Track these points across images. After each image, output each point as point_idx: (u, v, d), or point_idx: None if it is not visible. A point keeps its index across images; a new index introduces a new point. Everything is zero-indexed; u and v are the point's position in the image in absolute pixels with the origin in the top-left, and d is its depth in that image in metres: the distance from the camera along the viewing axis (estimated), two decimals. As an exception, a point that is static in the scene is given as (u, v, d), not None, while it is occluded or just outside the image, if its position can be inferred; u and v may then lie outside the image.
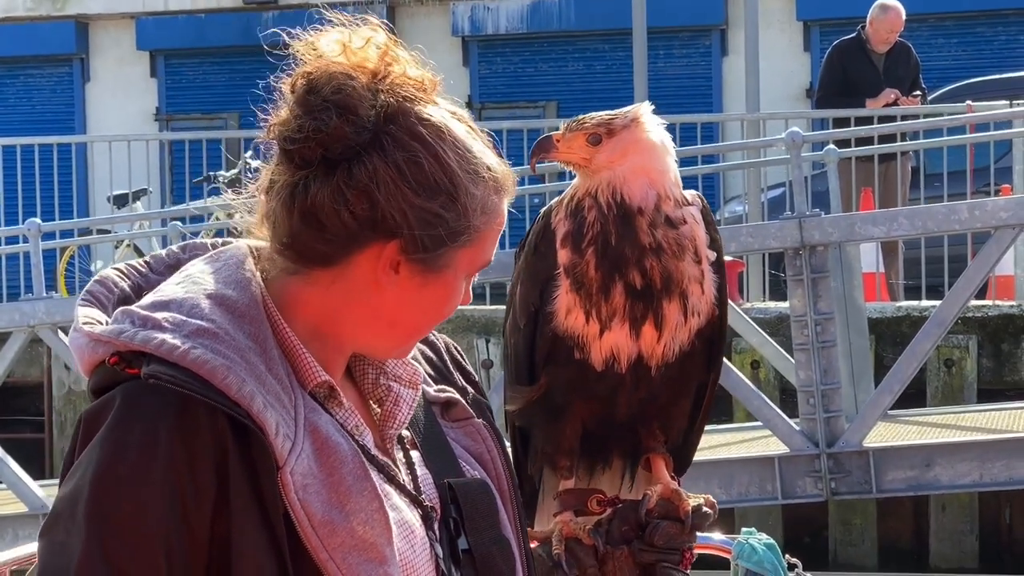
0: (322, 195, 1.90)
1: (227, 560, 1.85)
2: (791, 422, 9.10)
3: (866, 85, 12.12)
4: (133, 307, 1.94)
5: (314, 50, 1.95)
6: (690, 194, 2.62)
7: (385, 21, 2.06)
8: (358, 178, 1.89)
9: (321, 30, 1.96)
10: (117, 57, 20.57)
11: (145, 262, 2.09)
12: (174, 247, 2.11)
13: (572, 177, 2.71)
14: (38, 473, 11.73)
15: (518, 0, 19.54)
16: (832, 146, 10.94)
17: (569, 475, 2.66)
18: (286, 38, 1.98)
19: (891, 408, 9.28)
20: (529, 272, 2.61)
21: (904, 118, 12.02)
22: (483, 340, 11.25)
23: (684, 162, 11.59)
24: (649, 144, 2.57)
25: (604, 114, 2.62)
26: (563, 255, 2.54)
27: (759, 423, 9.35)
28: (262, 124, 1.97)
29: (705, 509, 2.59)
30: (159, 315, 1.90)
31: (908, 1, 12.58)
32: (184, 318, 1.90)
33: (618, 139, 2.58)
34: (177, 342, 1.87)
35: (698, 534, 2.63)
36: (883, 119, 11.90)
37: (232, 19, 19.67)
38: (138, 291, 2.02)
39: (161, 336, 1.88)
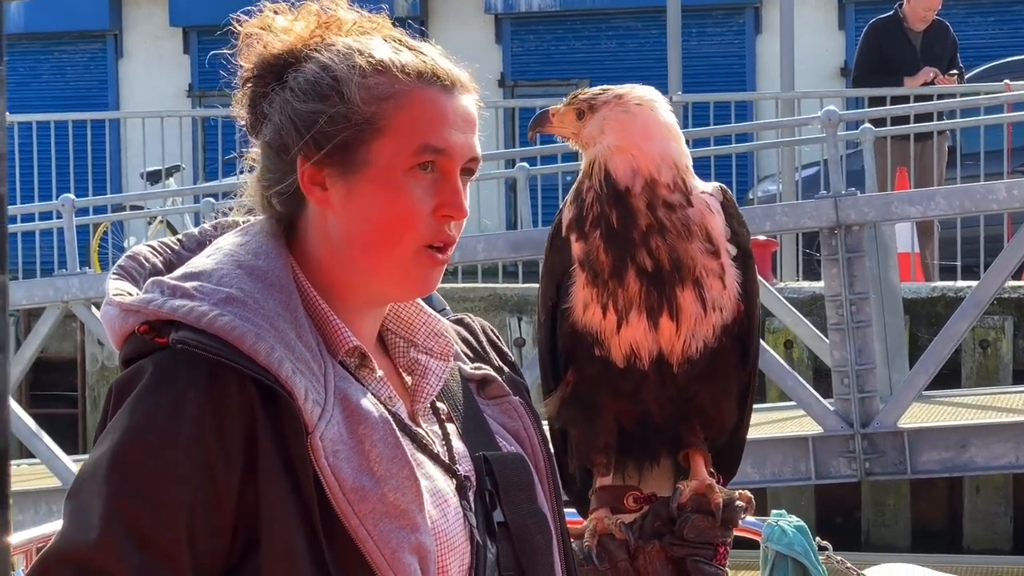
0: (260, 147, 2.04)
1: (256, 526, 1.86)
2: (825, 402, 9.06)
3: (903, 64, 12.04)
4: (163, 278, 1.96)
5: (258, 36, 2.07)
6: (711, 185, 2.56)
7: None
8: (267, 113, 2.01)
9: (268, 18, 2.08)
10: (150, 33, 20.60)
11: (178, 239, 2.12)
12: (206, 225, 2.14)
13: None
14: (72, 448, 11.78)
15: (551, -23, 19.49)
16: (868, 125, 10.88)
17: (606, 472, 2.63)
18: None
19: (926, 389, 9.23)
20: (547, 267, 2.60)
21: (941, 97, 11.94)
22: (515, 318, 11.24)
23: (718, 140, 11.58)
24: (629, 123, 2.51)
25: (596, 89, 2.59)
26: (576, 247, 2.52)
27: (793, 403, 9.31)
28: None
29: (738, 503, 2.55)
30: (188, 284, 1.93)
31: (945, -21, 12.50)
32: (213, 286, 1.92)
33: (599, 115, 2.55)
34: (204, 308, 1.89)
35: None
36: (919, 98, 11.82)
37: (265, -4, 19.65)
38: (169, 267, 2.04)
39: (189, 304, 1.90)
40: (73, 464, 10.39)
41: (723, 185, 2.58)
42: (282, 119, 1.99)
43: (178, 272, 1.98)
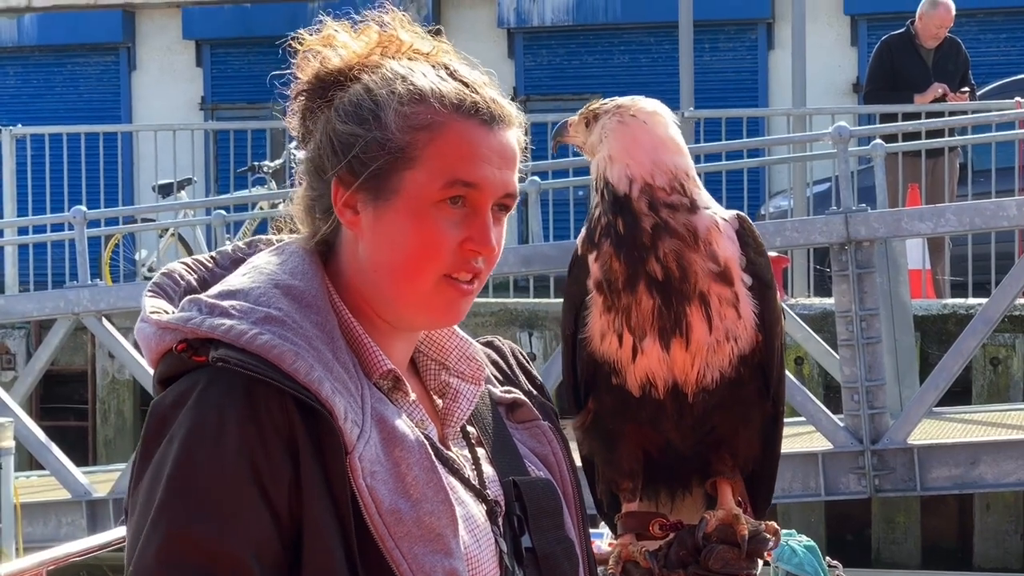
0: (305, 162, 2.04)
1: (300, 540, 1.86)
2: (835, 418, 9.05)
3: (915, 80, 12.05)
4: (201, 296, 1.96)
5: (314, 50, 2.05)
6: (729, 212, 2.54)
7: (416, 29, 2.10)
8: (312, 130, 2.02)
9: (334, 33, 2.06)
10: (163, 46, 20.62)
11: (211, 257, 2.12)
12: (240, 243, 2.14)
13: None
14: (81, 460, 11.80)
15: (564, -8, 19.51)
16: (879, 141, 10.88)
17: (632, 497, 2.62)
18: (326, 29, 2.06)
19: (936, 405, 9.22)
20: (566, 295, 2.60)
21: (952, 114, 11.94)
22: (526, 333, 11.24)
23: (730, 156, 11.59)
24: (622, 133, 2.52)
25: (604, 100, 2.60)
26: (593, 267, 2.52)
27: (803, 419, 9.30)
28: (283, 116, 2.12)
29: (764, 534, 2.54)
30: (226, 303, 1.93)
31: (957, -4, 12.50)
32: (251, 306, 1.92)
33: (599, 124, 2.56)
34: (244, 327, 1.89)
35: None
36: (931, 115, 11.82)
37: (278, 9, 19.71)
38: (204, 284, 2.04)
39: (229, 322, 1.90)
40: (82, 476, 10.40)
41: (742, 213, 2.56)
42: (323, 138, 1.99)
43: (214, 290, 1.97)
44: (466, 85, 2.00)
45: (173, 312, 1.96)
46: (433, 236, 1.96)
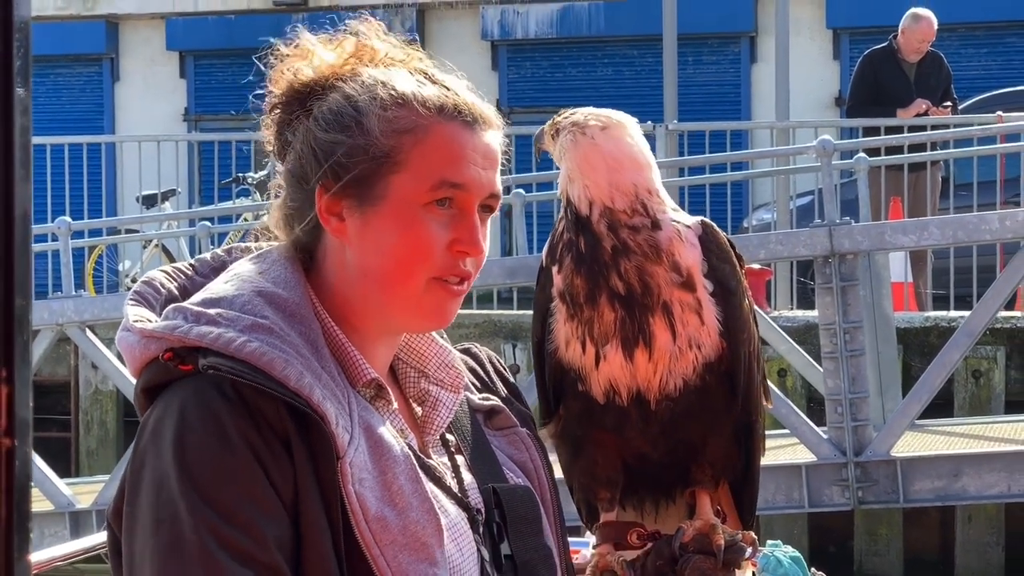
0: (284, 173, 2.04)
1: (299, 539, 1.86)
2: (818, 430, 9.08)
3: (897, 94, 12.11)
4: (184, 304, 1.95)
5: (288, 62, 2.06)
6: (693, 219, 2.51)
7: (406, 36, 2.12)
8: (290, 140, 2.03)
9: (306, 45, 2.06)
10: (147, 57, 20.64)
11: (191, 264, 2.11)
12: (219, 250, 2.13)
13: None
14: (64, 471, 11.78)
15: (548, 5, 19.56)
16: (862, 154, 10.93)
17: (610, 507, 2.61)
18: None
19: (919, 418, 9.26)
20: (534, 303, 2.59)
21: (935, 128, 12.00)
22: (510, 345, 11.26)
23: (713, 169, 11.60)
24: (575, 152, 2.48)
25: (570, 111, 2.58)
26: (557, 278, 2.52)
27: (786, 431, 9.33)
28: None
29: (741, 544, 2.55)
30: (212, 311, 1.92)
31: (939, 10, 12.57)
32: (237, 314, 1.92)
33: (559, 140, 2.54)
34: (232, 335, 1.88)
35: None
36: (913, 128, 11.88)
37: (262, 20, 19.72)
38: (184, 293, 2.04)
39: (217, 330, 1.89)
40: (66, 488, 10.39)
41: (707, 220, 2.53)
42: (303, 148, 2.00)
43: (197, 298, 1.96)
44: (446, 88, 2.01)
45: (156, 321, 1.95)
46: (422, 239, 1.96)
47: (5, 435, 1.13)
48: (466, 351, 2.26)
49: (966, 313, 9.89)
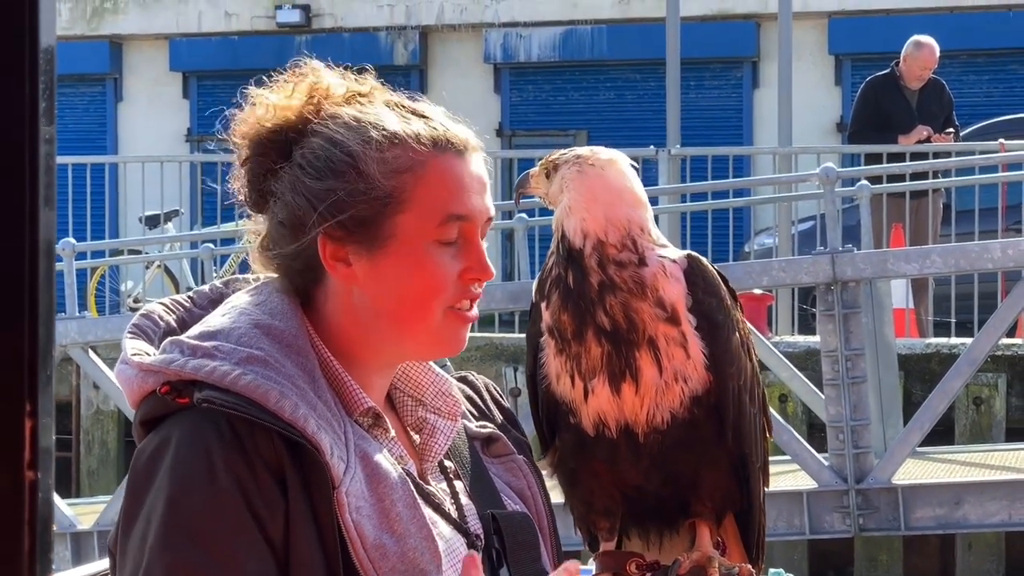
0: (268, 225, 2.03)
1: (288, 573, 1.87)
2: (820, 457, 9.09)
3: (899, 121, 12.14)
4: (181, 337, 1.97)
5: (249, 112, 2.05)
6: (680, 253, 2.51)
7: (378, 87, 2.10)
8: (275, 190, 2.01)
9: (259, 95, 2.05)
10: (150, 77, 20.69)
11: (189, 297, 2.13)
12: (217, 282, 2.16)
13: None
14: (65, 491, 11.78)
15: (550, 28, 19.60)
16: (865, 182, 10.95)
17: (610, 536, 2.61)
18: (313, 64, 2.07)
19: (920, 445, 9.26)
20: (527, 337, 2.61)
21: (936, 155, 12.02)
22: (511, 368, 11.26)
23: (716, 195, 11.59)
24: (579, 183, 2.51)
25: (564, 151, 2.60)
26: (545, 314, 2.54)
27: (787, 457, 9.33)
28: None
29: None
30: (208, 344, 1.94)
31: (941, 38, 12.60)
32: (233, 346, 1.93)
33: (558, 175, 2.56)
34: (227, 368, 1.90)
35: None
36: (915, 156, 11.91)
37: (265, 42, 19.79)
38: (183, 325, 2.06)
39: (212, 363, 1.91)
40: (67, 508, 10.39)
41: (693, 253, 2.53)
42: (295, 198, 1.99)
43: (195, 331, 1.98)
44: (429, 119, 2.03)
45: (154, 354, 1.97)
46: (436, 274, 1.98)
47: (29, 468, 1.14)
48: (463, 379, 2.28)
49: (967, 340, 9.90)
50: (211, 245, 12.66)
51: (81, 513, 10.58)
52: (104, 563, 2.23)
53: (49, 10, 1.13)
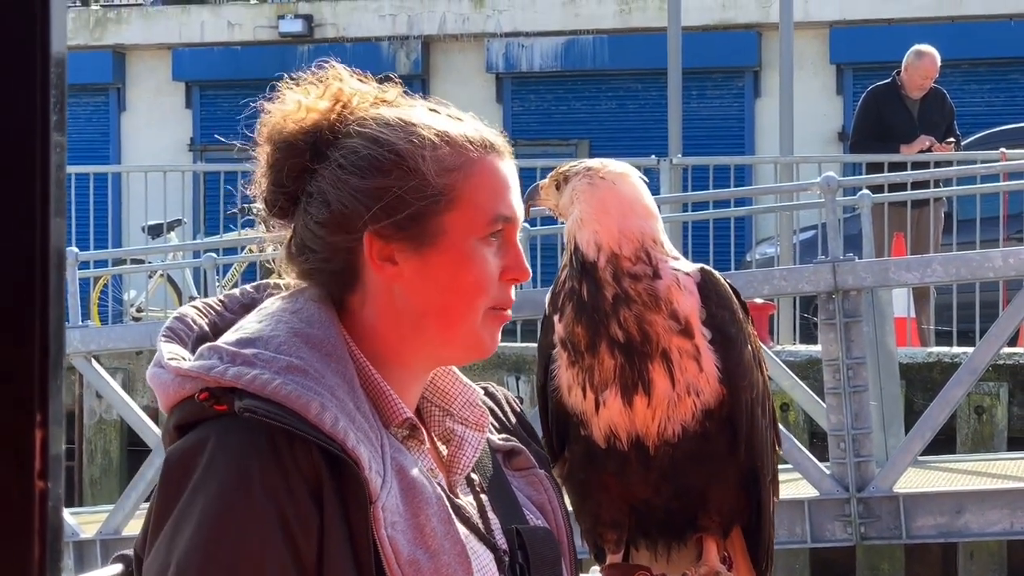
0: (298, 226, 2.02)
1: None
2: (821, 466, 9.09)
3: (901, 131, 12.15)
4: (219, 343, 1.95)
5: (277, 114, 2.04)
6: (693, 266, 2.53)
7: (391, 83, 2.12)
8: (311, 191, 2.00)
9: (290, 96, 2.04)
10: (153, 87, 20.72)
11: (220, 300, 2.12)
12: (248, 286, 2.15)
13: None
14: (67, 500, 11.77)
15: (552, 38, 19.63)
16: (866, 191, 10.96)
17: (617, 549, 2.62)
18: (314, 73, 2.07)
19: (921, 454, 9.26)
20: (538, 348, 2.61)
21: (938, 164, 12.04)
22: (513, 377, 11.28)
23: (717, 204, 11.57)
24: (590, 195, 2.51)
25: (574, 162, 2.62)
26: (559, 326, 2.54)
27: (789, 466, 9.33)
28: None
29: None
30: (247, 351, 1.92)
31: (942, 47, 12.62)
32: (273, 354, 1.92)
33: (568, 187, 2.56)
34: (268, 377, 1.88)
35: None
36: (917, 165, 11.92)
37: (268, 51, 19.81)
38: (215, 329, 2.05)
39: (253, 372, 1.89)
40: (70, 517, 10.39)
41: (707, 267, 2.55)
42: (341, 196, 1.98)
43: (232, 337, 1.96)
44: (466, 123, 2.05)
45: (189, 358, 1.95)
46: (484, 272, 1.99)
47: (39, 478, 1.15)
48: (484, 390, 2.26)
49: (969, 349, 9.91)
50: (214, 254, 12.67)
51: (84, 522, 10.57)
52: (108, 571, 2.22)
53: (60, 20, 1.14)
